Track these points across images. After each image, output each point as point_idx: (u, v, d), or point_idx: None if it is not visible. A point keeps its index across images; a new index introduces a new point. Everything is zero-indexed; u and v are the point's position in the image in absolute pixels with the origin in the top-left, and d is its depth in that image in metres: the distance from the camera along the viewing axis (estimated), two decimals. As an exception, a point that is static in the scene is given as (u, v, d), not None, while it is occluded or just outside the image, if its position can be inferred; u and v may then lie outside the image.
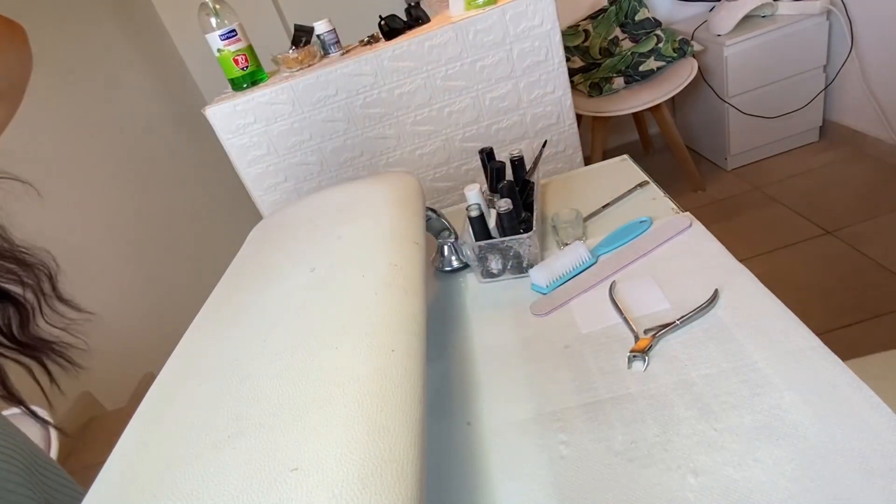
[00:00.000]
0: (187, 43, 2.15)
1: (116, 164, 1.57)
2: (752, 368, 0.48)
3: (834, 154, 2.03)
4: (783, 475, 0.40)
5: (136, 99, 1.80)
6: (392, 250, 0.53)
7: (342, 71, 1.31)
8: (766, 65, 1.93)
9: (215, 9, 1.28)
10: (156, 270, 1.58)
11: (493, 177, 0.79)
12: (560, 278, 0.68)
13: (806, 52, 1.92)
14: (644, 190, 0.81)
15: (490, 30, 1.28)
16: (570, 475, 0.45)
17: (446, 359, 0.64)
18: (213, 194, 2.04)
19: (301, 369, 0.40)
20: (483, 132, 1.42)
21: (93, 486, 0.39)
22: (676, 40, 1.95)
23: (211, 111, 1.34)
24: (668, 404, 0.48)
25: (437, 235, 0.79)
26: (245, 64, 1.35)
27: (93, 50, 1.66)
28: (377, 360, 0.39)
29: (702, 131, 2.29)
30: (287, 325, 0.47)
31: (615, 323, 0.59)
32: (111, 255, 1.41)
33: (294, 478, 0.31)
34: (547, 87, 1.36)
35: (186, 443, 0.38)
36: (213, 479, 0.34)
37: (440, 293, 0.76)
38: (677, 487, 0.42)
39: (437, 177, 1.48)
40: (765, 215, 1.88)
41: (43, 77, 1.38)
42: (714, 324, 0.54)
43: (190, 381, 0.46)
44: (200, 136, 1.93)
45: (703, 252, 0.64)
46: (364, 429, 0.33)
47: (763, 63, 1.92)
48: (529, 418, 0.52)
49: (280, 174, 1.45)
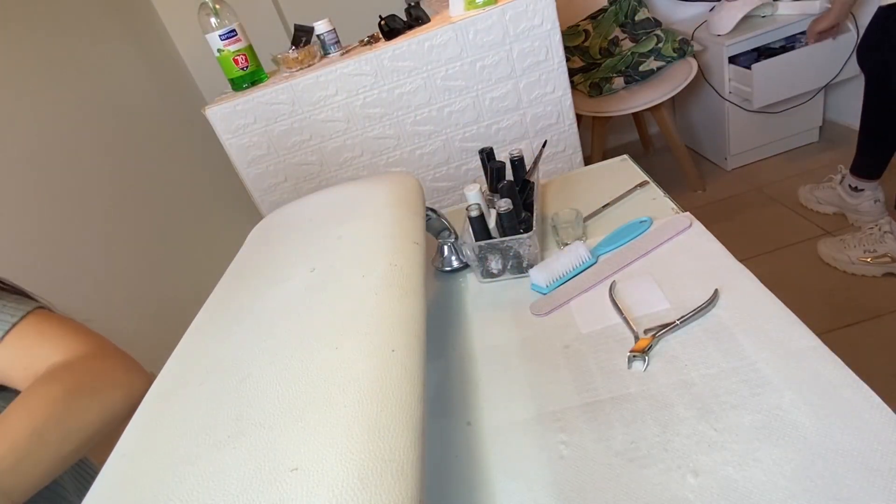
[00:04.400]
0: (187, 43, 2.15)
1: (115, 164, 1.57)
2: (752, 368, 0.48)
3: (834, 154, 2.03)
4: (783, 475, 0.40)
5: (136, 99, 1.80)
6: (392, 250, 0.53)
7: (342, 71, 1.31)
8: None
9: (215, 9, 1.28)
10: (155, 270, 1.58)
11: (493, 177, 0.79)
12: (560, 278, 0.68)
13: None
14: (644, 190, 0.81)
15: (490, 30, 1.28)
16: (570, 475, 0.45)
17: (446, 359, 0.64)
18: (213, 194, 2.04)
19: (301, 369, 0.40)
20: (483, 132, 1.42)
21: (93, 486, 0.39)
22: (676, 40, 1.95)
23: (211, 111, 1.34)
24: (668, 404, 0.48)
25: (437, 235, 0.79)
26: (245, 64, 1.35)
27: (92, 50, 1.66)
28: (377, 360, 0.39)
29: (702, 131, 2.29)
30: (287, 325, 0.47)
31: (615, 323, 0.59)
32: (110, 255, 1.41)
33: (294, 478, 0.31)
34: (547, 87, 1.36)
35: (186, 443, 0.38)
36: (213, 479, 0.34)
37: (440, 293, 0.76)
38: (677, 487, 0.41)
39: (437, 177, 1.48)
40: (765, 215, 1.88)
41: (42, 77, 1.38)
42: (714, 324, 0.54)
43: (190, 381, 0.46)
44: (200, 136, 1.93)
45: (703, 252, 0.64)
46: (364, 429, 0.33)
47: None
48: (529, 418, 0.52)
49: (280, 174, 1.45)
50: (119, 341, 0.63)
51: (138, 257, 1.52)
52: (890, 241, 1.45)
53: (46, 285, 1.19)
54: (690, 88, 1.97)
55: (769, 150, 2.15)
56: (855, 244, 1.51)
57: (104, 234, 1.42)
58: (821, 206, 1.78)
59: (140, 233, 1.57)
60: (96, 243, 1.38)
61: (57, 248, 1.25)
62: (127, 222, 1.52)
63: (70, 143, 1.41)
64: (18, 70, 1.30)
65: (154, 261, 1.59)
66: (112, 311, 1.34)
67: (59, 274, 1.22)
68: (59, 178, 1.32)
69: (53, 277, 1.20)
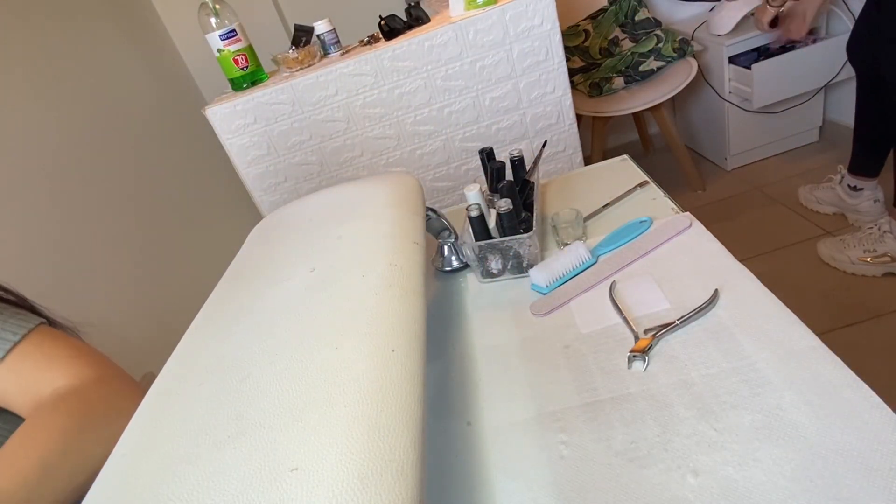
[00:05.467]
0: (187, 43, 2.15)
1: (115, 164, 1.57)
2: (752, 368, 0.48)
3: (834, 154, 2.03)
4: (783, 475, 0.40)
5: (136, 99, 1.80)
6: (392, 250, 0.53)
7: (342, 71, 1.31)
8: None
9: (215, 9, 1.28)
10: (155, 270, 1.58)
11: (493, 177, 0.79)
12: (560, 278, 0.68)
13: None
14: (644, 190, 0.81)
15: (490, 30, 1.28)
16: (570, 475, 0.45)
17: (446, 359, 0.64)
18: (213, 194, 2.04)
19: (301, 369, 0.40)
20: (483, 132, 1.42)
21: (93, 486, 0.39)
22: (676, 40, 1.95)
23: (211, 111, 1.34)
24: (668, 404, 0.48)
25: (437, 235, 0.79)
26: (245, 64, 1.35)
27: (92, 50, 1.66)
28: (377, 360, 0.39)
29: (702, 131, 2.29)
30: (287, 325, 0.47)
31: (615, 323, 0.59)
32: (110, 255, 1.41)
33: (294, 478, 0.31)
34: (547, 87, 1.36)
35: (186, 442, 0.38)
36: (213, 479, 0.34)
37: (440, 293, 0.76)
38: (677, 487, 0.41)
39: (437, 177, 1.48)
40: (765, 215, 1.88)
41: (41, 77, 1.38)
42: (714, 324, 0.54)
43: (190, 381, 0.46)
44: (200, 136, 1.93)
45: (703, 252, 0.64)
46: (364, 429, 0.33)
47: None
48: (529, 418, 0.52)
49: (280, 174, 1.45)
50: (119, 342, 0.63)
51: (138, 257, 1.52)
52: (890, 241, 1.45)
53: (45, 286, 1.19)
54: (690, 88, 1.97)
55: (769, 151, 2.15)
56: (855, 244, 1.51)
57: (103, 234, 1.42)
58: (820, 207, 1.78)
59: (140, 233, 1.57)
60: (95, 243, 1.38)
61: (56, 248, 1.25)
62: (126, 222, 1.52)
63: (69, 143, 1.40)
64: (18, 70, 1.30)
65: (154, 261, 1.59)
66: (112, 311, 1.34)
67: (58, 274, 1.22)
68: (58, 178, 1.32)
69: (52, 278, 1.20)
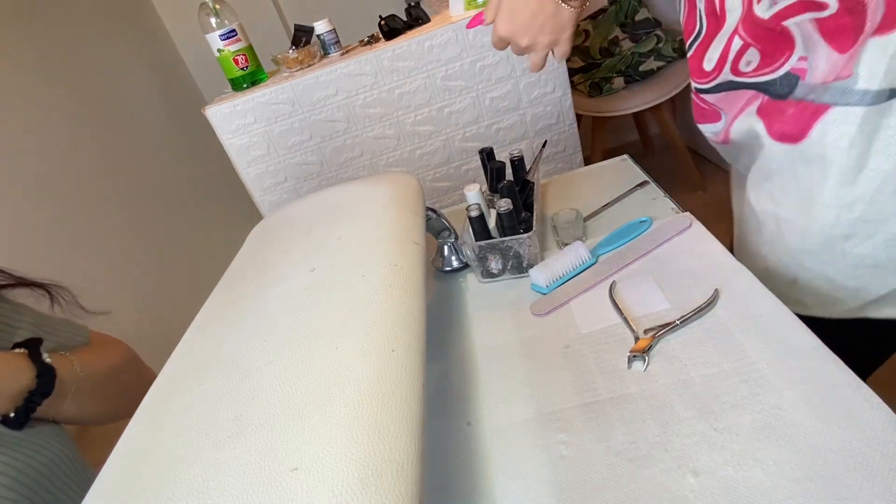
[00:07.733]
0: (187, 43, 2.15)
1: (115, 163, 1.57)
2: (752, 368, 0.48)
3: (834, 154, 2.03)
4: (783, 475, 0.40)
5: (136, 99, 1.80)
6: (392, 250, 0.53)
7: (342, 71, 1.31)
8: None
9: (215, 9, 1.28)
10: (155, 270, 1.58)
11: (493, 177, 0.79)
12: (560, 278, 0.68)
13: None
14: (644, 190, 0.81)
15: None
16: (570, 475, 0.45)
17: (446, 359, 0.64)
18: (213, 194, 2.04)
19: (301, 369, 0.40)
20: (483, 132, 1.42)
21: (93, 486, 0.39)
22: (676, 40, 1.95)
23: (211, 111, 1.34)
24: (668, 404, 0.48)
25: (437, 235, 0.79)
26: (245, 64, 1.35)
27: (92, 50, 1.66)
28: (377, 360, 0.39)
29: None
30: (287, 325, 0.47)
31: (615, 323, 0.59)
32: (110, 255, 1.41)
33: (294, 478, 0.31)
34: (547, 87, 1.36)
35: (186, 442, 0.38)
36: (213, 479, 0.34)
37: (440, 293, 0.76)
38: (677, 487, 0.41)
39: (437, 177, 1.48)
40: (765, 215, 1.88)
41: (41, 77, 1.38)
42: (714, 324, 0.54)
43: (190, 381, 0.46)
44: (200, 136, 1.93)
45: (703, 252, 0.64)
46: (364, 429, 0.33)
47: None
48: (529, 418, 0.52)
49: (280, 174, 1.45)
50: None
51: (138, 257, 1.52)
52: (890, 241, 1.45)
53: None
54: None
55: (769, 150, 2.15)
56: (855, 244, 1.51)
57: (103, 234, 1.42)
58: (821, 207, 1.77)
59: (140, 232, 1.57)
60: (95, 243, 1.38)
61: (55, 248, 1.25)
62: (126, 222, 1.52)
63: (69, 143, 1.41)
64: (17, 69, 1.30)
65: (154, 260, 1.59)
66: (112, 310, 1.34)
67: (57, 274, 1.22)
68: (58, 178, 1.32)
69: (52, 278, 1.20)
